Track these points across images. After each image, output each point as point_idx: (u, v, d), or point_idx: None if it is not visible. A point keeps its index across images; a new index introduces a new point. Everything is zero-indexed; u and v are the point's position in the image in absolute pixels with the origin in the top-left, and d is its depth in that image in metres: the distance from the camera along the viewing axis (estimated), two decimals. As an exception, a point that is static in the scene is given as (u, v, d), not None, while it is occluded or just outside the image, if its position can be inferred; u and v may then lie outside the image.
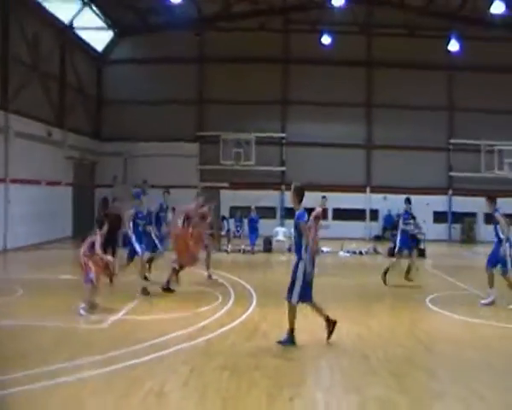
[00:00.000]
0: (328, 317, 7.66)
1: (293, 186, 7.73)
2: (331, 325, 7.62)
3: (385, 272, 13.14)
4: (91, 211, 26.65)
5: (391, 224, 26.01)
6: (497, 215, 10.78)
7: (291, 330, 7.55)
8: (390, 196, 26.81)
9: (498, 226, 10.68)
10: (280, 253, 20.60)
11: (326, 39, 26.31)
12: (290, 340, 7.52)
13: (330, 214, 28.10)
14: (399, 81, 27.57)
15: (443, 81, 28.49)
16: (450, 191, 28.38)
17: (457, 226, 28.41)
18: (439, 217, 28.25)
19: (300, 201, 7.64)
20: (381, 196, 27.00)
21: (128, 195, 25.95)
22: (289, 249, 21.31)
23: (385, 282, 12.96)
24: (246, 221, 22.42)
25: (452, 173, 28.35)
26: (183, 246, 11.64)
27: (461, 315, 9.80)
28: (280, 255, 20.14)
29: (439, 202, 28.21)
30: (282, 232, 22.44)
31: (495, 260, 10.85)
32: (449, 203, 28.40)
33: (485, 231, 27.72)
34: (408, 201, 14.04)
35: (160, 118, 27.94)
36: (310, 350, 7.46)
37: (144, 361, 6.57)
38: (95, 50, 28.57)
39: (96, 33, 27.11)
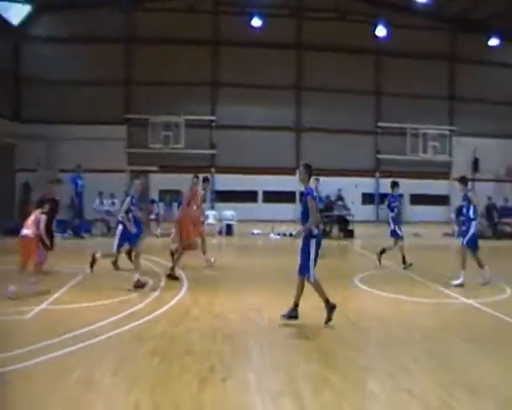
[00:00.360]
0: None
1: (302, 163, 8.19)
2: (330, 308, 7.80)
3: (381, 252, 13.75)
4: (12, 196, 25.38)
5: (323, 205, 26.53)
6: (470, 195, 11.37)
7: (296, 305, 7.78)
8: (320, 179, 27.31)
9: (471, 207, 11.21)
10: (210, 236, 20.55)
11: (256, 22, 26.35)
12: (294, 315, 7.76)
13: (260, 197, 28.42)
14: (329, 65, 28.08)
15: (371, 66, 29.35)
16: (378, 173, 29.38)
17: (385, 207, 29.40)
18: (367, 198, 29.24)
19: (309, 177, 8.20)
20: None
21: (53, 180, 25.18)
22: (220, 232, 21.38)
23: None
24: (175, 205, 22.17)
25: (380, 156, 29.36)
26: (188, 230, 11.78)
27: (387, 293, 10.20)
28: (211, 238, 20.09)
29: (367, 184, 29.17)
30: (212, 215, 22.39)
31: (474, 241, 11.24)
32: (376, 185, 29.40)
33: (411, 211, 29.10)
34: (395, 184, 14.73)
35: (85, 99, 26.95)
36: (241, 332, 7.50)
37: (72, 351, 6.35)
38: (8, 23, 26.69)
39: (10, 5, 25.53)
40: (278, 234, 21.35)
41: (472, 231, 11.16)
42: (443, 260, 16.19)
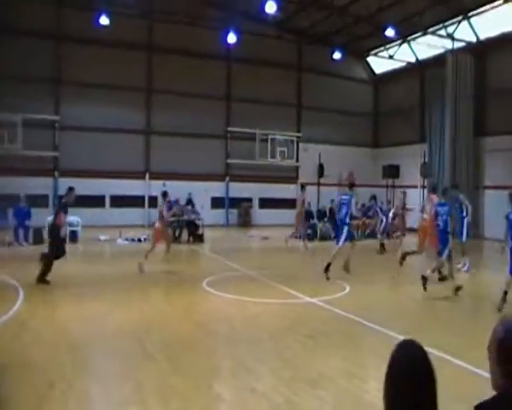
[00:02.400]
0: None
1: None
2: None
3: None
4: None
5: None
6: (461, 197, 14.72)
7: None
8: (169, 183, 27.10)
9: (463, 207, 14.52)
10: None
11: (104, 20, 24.91)
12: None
13: (108, 201, 27.43)
14: (180, 68, 28.00)
15: (222, 71, 29.88)
16: (228, 178, 30.04)
17: (234, 211, 30.24)
18: (217, 202, 29.69)
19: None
20: (160, 182, 27.06)
21: None
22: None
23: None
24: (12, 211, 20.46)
25: (229, 160, 30.02)
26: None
27: (235, 295, 10.47)
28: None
29: (216, 188, 29.62)
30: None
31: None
32: (226, 189, 30.03)
33: (260, 215, 30.25)
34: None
35: None
36: (84, 341, 7.16)
37: None
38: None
39: None
40: (126, 239, 20.79)
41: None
42: (289, 261, 17.00)
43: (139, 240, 20.56)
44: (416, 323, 8.90)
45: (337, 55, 29.58)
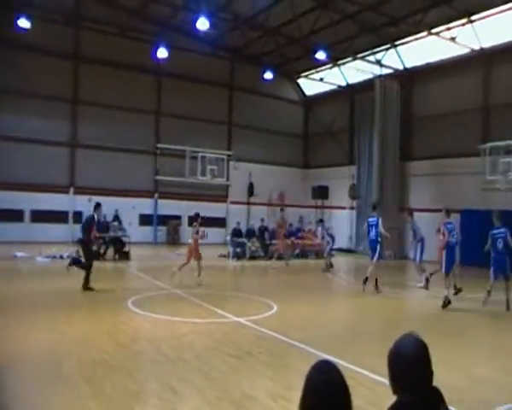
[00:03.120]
0: None
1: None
2: None
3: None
4: None
5: (100, 227, 25.60)
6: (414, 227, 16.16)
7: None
8: (96, 198, 26.33)
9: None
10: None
11: (23, 22, 23.78)
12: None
13: (28, 216, 26.26)
14: (109, 80, 27.52)
15: (152, 86, 29.61)
16: (157, 194, 29.65)
17: (163, 229, 29.85)
18: (145, 219, 29.20)
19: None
20: (86, 197, 26.29)
21: None
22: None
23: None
24: None
25: (158, 177, 29.67)
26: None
27: (162, 315, 10.28)
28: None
29: (145, 205, 29.16)
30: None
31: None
32: (155, 206, 29.62)
33: (189, 233, 29.87)
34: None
35: None
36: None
37: None
38: None
39: None
40: (47, 257, 19.95)
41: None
42: (218, 280, 16.95)
43: (61, 257, 19.79)
44: (341, 341, 9.09)
45: (269, 76, 30.18)
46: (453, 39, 22.90)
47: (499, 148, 20.18)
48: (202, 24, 22.02)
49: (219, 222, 30.81)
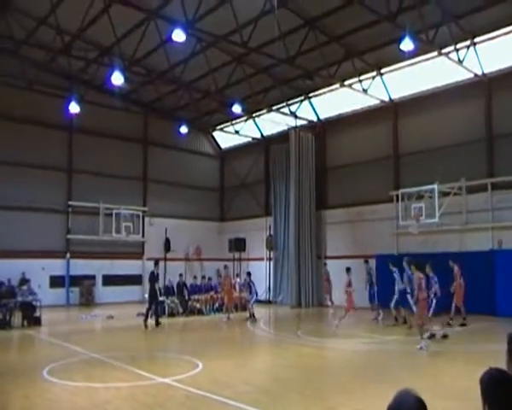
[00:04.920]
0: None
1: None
2: None
3: None
4: None
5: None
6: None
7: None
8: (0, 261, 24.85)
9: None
10: None
11: None
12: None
13: None
14: (17, 136, 26.43)
15: (63, 141, 28.73)
16: (68, 254, 28.43)
17: (76, 290, 28.54)
18: (56, 281, 27.76)
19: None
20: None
21: None
22: None
23: None
24: None
25: (70, 236, 28.54)
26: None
27: (81, 382, 9.75)
28: None
29: (56, 266, 27.81)
30: None
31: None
32: (67, 267, 28.35)
33: (103, 292, 28.87)
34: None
35: None
36: None
37: None
38: None
39: None
40: None
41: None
42: (137, 340, 16.40)
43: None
44: (270, 394, 9.02)
45: (184, 130, 30.41)
46: (365, 91, 24.28)
47: (411, 194, 21.37)
48: (116, 78, 21.89)
49: (135, 280, 30.01)
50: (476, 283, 17.29)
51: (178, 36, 18.82)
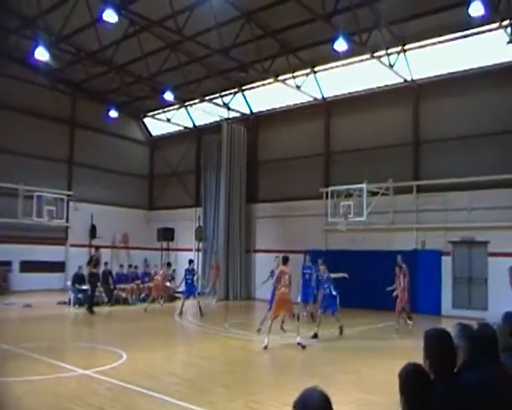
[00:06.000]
0: None
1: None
2: None
3: None
4: None
5: None
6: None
7: None
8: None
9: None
10: None
11: None
12: None
13: None
14: None
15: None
16: (-19, 238, 26.92)
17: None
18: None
19: None
20: None
21: None
22: None
23: None
24: None
25: (-12, 219, 27.04)
26: None
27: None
28: None
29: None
30: None
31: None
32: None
33: (21, 279, 27.57)
34: None
35: None
36: None
37: None
38: None
39: None
40: None
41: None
42: (58, 330, 15.85)
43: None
44: (196, 386, 8.98)
45: (114, 114, 29.58)
46: (298, 87, 24.53)
47: (340, 192, 21.85)
48: (41, 54, 20.91)
49: (57, 266, 28.96)
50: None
51: (110, 16, 18.25)
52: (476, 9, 15.75)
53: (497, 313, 4.50)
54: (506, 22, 17.39)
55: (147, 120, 34.66)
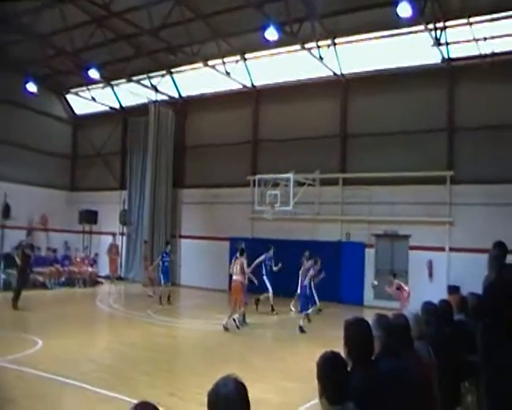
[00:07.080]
0: None
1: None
2: None
3: None
4: None
5: None
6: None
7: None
8: None
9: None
10: None
11: None
12: None
13: None
14: None
15: None
16: None
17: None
18: None
19: None
20: None
21: None
22: None
23: None
24: None
25: None
26: None
27: None
28: None
29: None
30: None
31: None
32: None
33: None
34: None
35: None
36: None
37: None
38: None
39: None
40: None
41: None
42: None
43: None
44: (116, 373, 8.87)
45: (32, 87, 28.06)
46: (228, 74, 24.42)
47: (267, 180, 22.04)
48: None
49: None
50: (325, 271, 18.30)
51: (29, -18, 17.38)
52: (404, 10, 16.26)
53: (417, 303, 4.76)
54: (431, 26, 18.14)
55: (70, 97, 33.32)
